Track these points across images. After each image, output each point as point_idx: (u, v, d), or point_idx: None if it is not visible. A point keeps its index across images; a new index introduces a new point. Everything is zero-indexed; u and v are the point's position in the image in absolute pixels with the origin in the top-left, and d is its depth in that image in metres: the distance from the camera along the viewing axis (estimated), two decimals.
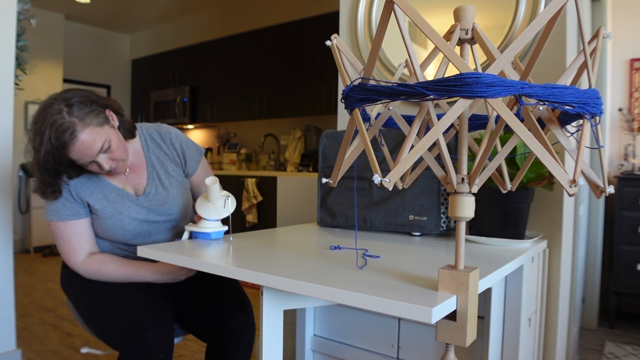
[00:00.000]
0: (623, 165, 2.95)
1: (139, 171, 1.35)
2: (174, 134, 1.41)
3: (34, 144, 1.13)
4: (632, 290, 2.67)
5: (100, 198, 1.28)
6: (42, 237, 4.88)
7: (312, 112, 4.21)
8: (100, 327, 1.25)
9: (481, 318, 1.13)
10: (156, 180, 1.36)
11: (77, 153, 1.13)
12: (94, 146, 1.14)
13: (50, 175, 1.18)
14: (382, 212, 1.41)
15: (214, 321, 1.32)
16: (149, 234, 1.36)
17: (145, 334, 1.13)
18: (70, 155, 1.14)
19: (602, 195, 0.73)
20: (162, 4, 5.18)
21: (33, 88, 5.04)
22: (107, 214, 1.28)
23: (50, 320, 2.80)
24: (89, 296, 1.29)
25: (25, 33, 2.49)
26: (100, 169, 1.19)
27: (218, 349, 1.31)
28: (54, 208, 1.26)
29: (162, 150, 1.39)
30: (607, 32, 0.78)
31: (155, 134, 1.40)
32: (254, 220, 4.16)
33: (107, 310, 1.23)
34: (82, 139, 1.12)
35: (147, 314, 1.18)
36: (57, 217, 1.26)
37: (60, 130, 1.09)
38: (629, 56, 2.99)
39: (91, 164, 1.18)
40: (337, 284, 0.77)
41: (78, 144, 1.11)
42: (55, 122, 1.10)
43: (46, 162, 1.13)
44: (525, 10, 1.47)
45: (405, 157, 0.64)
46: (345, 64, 0.83)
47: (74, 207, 1.27)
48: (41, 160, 1.13)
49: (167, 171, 1.38)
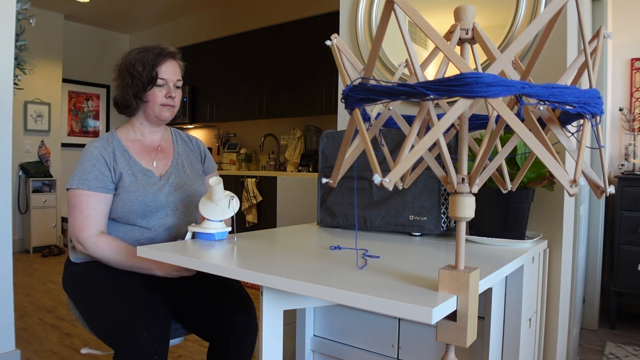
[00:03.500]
0: (624, 165, 2.95)
1: (167, 154, 1.53)
2: (198, 140, 1.67)
3: (136, 60, 1.41)
4: (633, 290, 2.66)
5: (130, 174, 1.41)
6: (42, 237, 4.87)
7: (312, 112, 4.21)
8: (98, 327, 1.26)
9: (481, 318, 1.13)
10: (179, 165, 1.53)
11: (167, 67, 1.43)
12: (177, 72, 1.48)
13: (137, 85, 1.41)
14: (382, 212, 1.41)
15: (217, 320, 1.32)
16: (166, 214, 1.44)
17: (139, 334, 1.13)
18: (162, 67, 1.42)
19: (603, 195, 0.73)
20: (162, 4, 5.18)
21: (32, 88, 5.04)
22: (133, 189, 1.39)
23: (49, 320, 2.80)
24: (89, 295, 1.29)
25: (24, 33, 2.48)
26: (168, 92, 1.44)
27: (221, 348, 1.31)
28: (86, 177, 1.35)
29: (188, 147, 1.60)
30: (607, 32, 0.78)
31: (183, 134, 1.64)
32: (253, 220, 4.16)
33: (104, 310, 1.24)
34: (174, 62, 1.48)
35: (141, 314, 1.18)
36: (86, 186, 1.34)
37: (166, 48, 1.45)
38: (629, 56, 2.99)
39: (165, 86, 1.44)
40: (337, 284, 0.77)
41: (170, 63, 1.45)
42: (161, 45, 1.46)
43: (143, 68, 1.40)
44: (526, 10, 1.47)
45: (406, 157, 0.64)
46: (345, 64, 0.83)
47: (106, 181, 1.37)
48: (139, 68, 1.40)
49: (191, 162, 1.57)
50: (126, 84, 1.43)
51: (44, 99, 5.16)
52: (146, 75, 1.40)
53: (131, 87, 1.42)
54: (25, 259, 4.58)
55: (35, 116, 5.08)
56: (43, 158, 5.07)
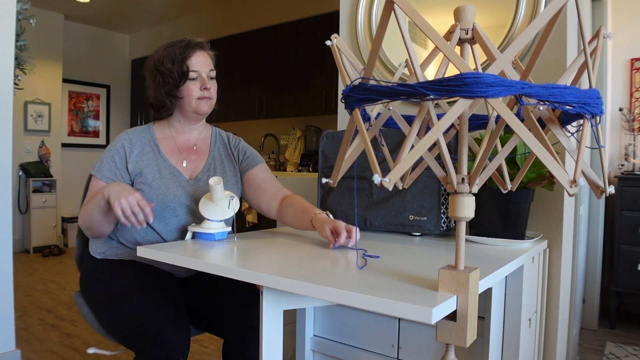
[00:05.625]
0: (623, 165, 2.95)
1: (201, 156, 1.47)
2: (242, 143, 1.59)
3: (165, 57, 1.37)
4: (633, 290, 2.67)
5: (155, 171, 1.38)
6: (42, 237, 4.87)
7: (312, 112, 4.21)
8: (119, 327, 1.23)
9: (481, 318, 1.13)
10: (212, 170, 1.46)
11: (197, 59, 1.38)
12: (208, 62, 1.43)
13: (169, 83, 1.37)
14: (382, 212, 1.41)
15: (230, 316, 1.31)
16: (179, 218, 1.36)
17: (168, 337, 1.12)
18: (191, 59, 1.37)
19: (603, 195, 0.73)
20: (162, 4, 5.18)
21: (32, 88, 5.04)
22: (156, 186, 1.36)
23: (49, 320, 2.80)
24: (108, 296, 1.28)
25: (24, 33, 2.48)
26: (203, 84, 1.40)
27: (237, 342, 1.30)
28: (102, 166, 1.36)
29: (226, 151, 1.53)
30: (607, 32, 0.78)
31: (225, 136, 1.58)
32: (253, 220, 4.16)
33: (126, 311, 1.21)
34: (203, 52, 1.42)
35: (167, 316, 1.17)
36: (99, 174, 1.35)
37: (193, 39, 1.41)
38: (629, 56, 2.99)
39: (199, 79, 1.39)
40: (337, 284, 0.77)
41: (200, 53, 1.40)
42: (187, 37, 1.42)
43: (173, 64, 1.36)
44: (526, 10, 1.47)
45: (405, 157, 0.64)
46: (345, 64, 0.83)
47: (118, 174, 1.35)
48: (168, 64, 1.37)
49: (224, 169, 1.49)
50: (158, 83, 1.39)
51: (44, 99, 5.16)
52: (177, 70, 1.36)
53: (163, 86, 1.38)
54: (26, 259, 4.58)
55: (35, 116, 5.08)
56: (43, 158, 5.07)
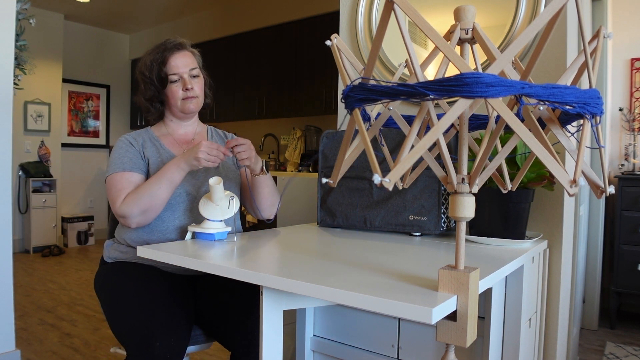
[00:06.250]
0: (623, 165, 2.95)
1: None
2: (235, 135, 1.59)
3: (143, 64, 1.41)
4: (633, 290, 2.66)
5: (158, 161, 1.42)
6: (42, 237, 4.88)
7: (312, 112, 4.21)
8: (116, 326, 1.24)
9: (481, 318, 1.13)
10: None
11: (175, 60, 1.40)
12: (188, 62, 1.44)
13: (151, 89, 1.41)
14: (382, 212, 1.41)
15: (235, 328, 1.26)
16: (184, 208, 1.40)
17: (152, 343, 1.11)
18: (170, 62, 1.40)
19: (603, 195, 0.73)
20: (162, 4, 5.18)
21: (32, 88, 5.04)
22: None
23: (49, 320, 2.80)
24: (113, 294, 1.29)
25: (24, 33, 2.48)
26: (184, 85, 1.42)
27: (241, 357, 1.26)
28: (121, 161, 1.37)
29: (224, 143, 1.55)
30: (607, 32, 0.78)
31: (220, 131, 1.64)
32: (253, 220, 4.16)
33: (123, 314, 1.22)
34: (183, 52, 1.44)
35: (158, 322, 1.15)
36: (121, 168, 1.36)
37: (171, 41, 1.43)
38: (629, 56, 2.99)
39: (180, 80, 1.41)
40: (337, 284, 0.77)
41: (179, 54, 1.42)
42: (168, 39, 1.44)
43: (150, 71, 1.40)
44: (526, 10, 1.47)
45: (405, 157, 0.64)
46: (345, 64, 0.83)
47: (139, 162, 1.39)
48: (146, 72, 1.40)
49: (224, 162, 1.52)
50: (141, 91, 1.45)
51: (44, 99, 5.16)
52: (156, 77, 1.40)
53: (144, 94, 1.44)
54: (25, 259, 4.58)
55: (35, 116, 5.08)
56: (43, 158, 5.07)
